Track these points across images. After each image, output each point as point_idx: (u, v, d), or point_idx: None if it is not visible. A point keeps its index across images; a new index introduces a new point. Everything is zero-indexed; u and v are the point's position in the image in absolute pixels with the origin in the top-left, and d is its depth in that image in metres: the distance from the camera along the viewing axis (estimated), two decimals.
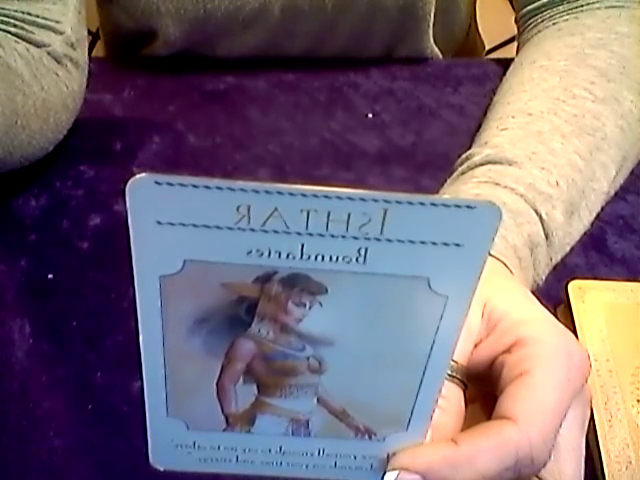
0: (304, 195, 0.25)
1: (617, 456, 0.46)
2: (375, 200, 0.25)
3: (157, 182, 0.25)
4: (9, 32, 0.57)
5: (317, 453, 0.34)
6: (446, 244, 0.26)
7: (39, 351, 0.52)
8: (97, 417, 0.49)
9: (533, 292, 0.41)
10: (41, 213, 0.60)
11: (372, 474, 0.34)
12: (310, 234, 0.26)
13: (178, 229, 0.26)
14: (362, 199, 0.25)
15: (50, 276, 0.56)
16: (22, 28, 0.58)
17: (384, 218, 0.25)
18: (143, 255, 0.27)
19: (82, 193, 0.62)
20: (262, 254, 0.26)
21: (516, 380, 0.35)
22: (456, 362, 0.37)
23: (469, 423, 0.36)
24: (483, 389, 0.38)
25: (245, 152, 0.66)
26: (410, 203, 0.25)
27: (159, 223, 0.26)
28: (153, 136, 0.67)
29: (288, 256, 0.26)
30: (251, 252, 0.26)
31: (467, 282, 0.28)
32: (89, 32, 0.65)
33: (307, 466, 0.35)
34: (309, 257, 0.26)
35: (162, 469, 0.34)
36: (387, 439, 0.33)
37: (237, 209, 0.25)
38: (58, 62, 0.59)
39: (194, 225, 0.26)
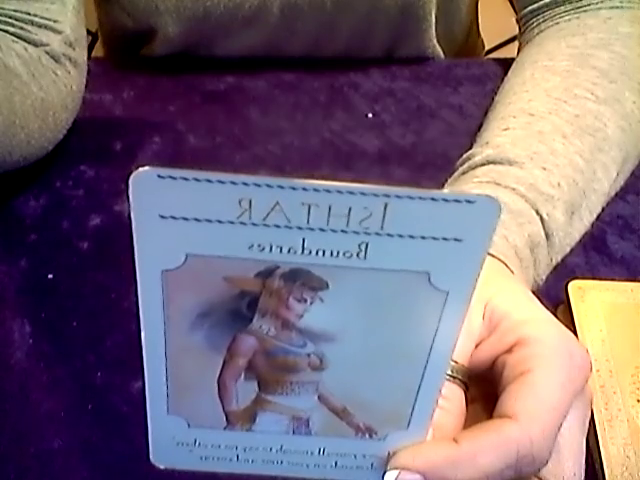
0: (305, 189, 0.25)
1: (617, 456, 0.46)
2: (375, 194, 0.25)
3: (160, 176, 0.25)
4: (7, 31, 0.57)
5: (318, 452, 0.34)
6: (446, 239, 0.26)
7: (39, 351, 0.52)
8: (97, 417, 0.49)
9: (533, 292, 0.41)
10: (41, 213, 0.60)
11: (373, 473, 0.34)
12: (311, 229, 0.26)
13: (180, 223, 0.26)
14: (363, 193, 0.25)
15: (50, 276, 0.56)
16: (20, 27, 0.57)
17: (384, 212, 0.25)
18: (145, 249, 0.27)
19: (82, 193, 0.62)
20: (263, 249, 0.26)
21: (517, 379, 0.35)
22: (457, 362, 0.37)
23: (470, 423, 0.36)
24: (484, 389, 0.38)
25: (245, 152, 0.66)
26: (410, 197, 0.25)
27: (162, 217, 0.26)
28: (153, 136, 0.67)
29: (289, 251, 0.26)
30: (252, 246, 0.26)
31: (467, 277, 0.28)
32: (89, 32, 0.65)
33: (308, 465, 0.34)
34: (310, 252, 0.27)
35: (163, 467, 0.34)
36: (388, 438, 0.33)
37: (239, 203, 0.25)
38: (57, 61, 0.59)
39: (196, 219, 0.26)
